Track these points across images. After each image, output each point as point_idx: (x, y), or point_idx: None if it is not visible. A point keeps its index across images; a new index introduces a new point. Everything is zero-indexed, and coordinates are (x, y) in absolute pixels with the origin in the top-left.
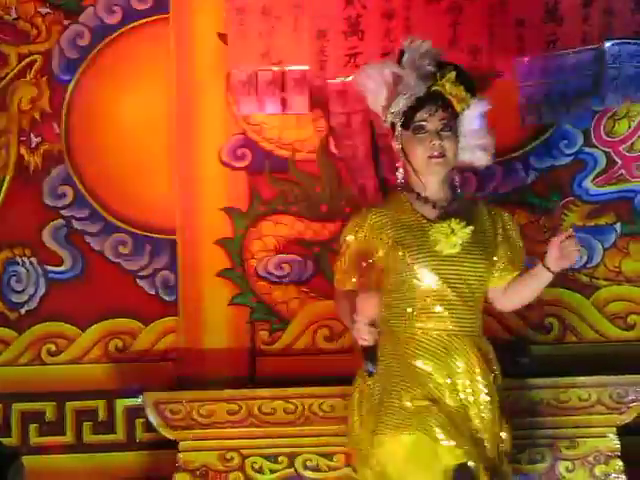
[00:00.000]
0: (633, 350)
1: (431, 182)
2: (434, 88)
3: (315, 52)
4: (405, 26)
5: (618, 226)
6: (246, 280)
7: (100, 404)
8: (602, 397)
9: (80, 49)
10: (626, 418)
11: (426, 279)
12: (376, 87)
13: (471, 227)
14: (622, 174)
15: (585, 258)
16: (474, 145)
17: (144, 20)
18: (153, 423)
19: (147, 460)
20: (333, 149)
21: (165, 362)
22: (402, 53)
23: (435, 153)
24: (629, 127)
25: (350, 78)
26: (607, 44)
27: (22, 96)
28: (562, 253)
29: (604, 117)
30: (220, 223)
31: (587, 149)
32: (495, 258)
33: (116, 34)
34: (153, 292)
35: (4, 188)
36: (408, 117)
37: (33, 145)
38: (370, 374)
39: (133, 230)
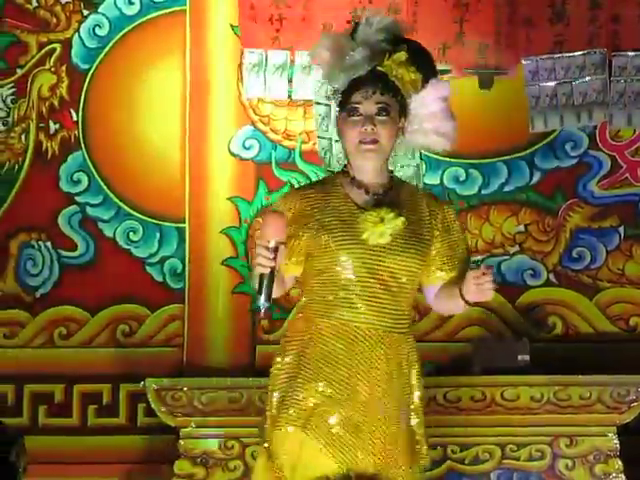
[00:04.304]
0: (634, 351)
1: (364, 167)
2: (378, 68)
3: None
4: (411, 21)
5: (622, 229)
6: (249, 269)
7: (105, 388)
8: (603, 396)
9: (99, 39)
10: (626, 418)
11: (350, 268)
12: (330, 60)
13: (403, 218)
14: (627, 178)
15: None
16: (429, 129)
17: (162, 12)
18: (154, 410)
19: (147, 445)
20: None
21: (170, 348)
22: (357, 26)
23: (367, 139)
24: (634, 132)
25: None
26: (613, 54)
27: (42, 84)
28: (477, 288)
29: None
30: (227, 212)
31: (592, 152)
32: (435, 254)
33: (134, 25)
34: (160, 279)
35: (22, 173)
36: (345, 97)
37: (51, 132)
38: (260, 310)
39: (144, 217)
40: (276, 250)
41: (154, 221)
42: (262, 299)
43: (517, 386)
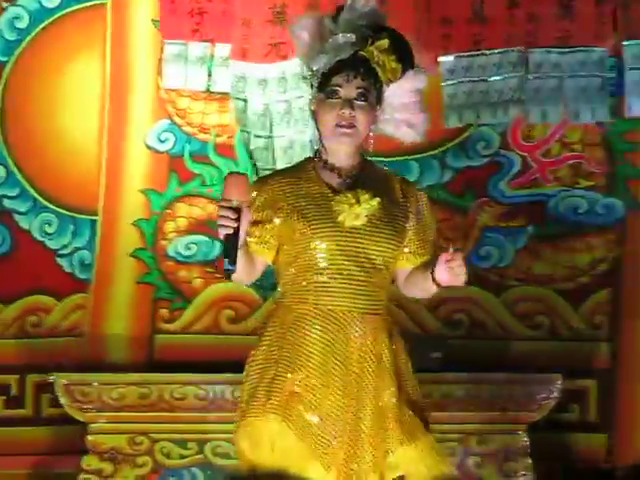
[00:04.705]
0: (540, 349)
1: (338, 151)
2: (360, 53)
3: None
4: None
5: (530, 228)
6: (155, 260)
7: (13, 379)
8: (512, 394)
9: (18, 31)
10: (536, 416)
11: (325, 252)
12: (310, 41)
13: (378, 199)
14: (537, 178)
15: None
16: (400, 120)
17: (82, 5)
18: (63, 405)
19: (53, 436)
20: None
21: (74, 338)
22: (340, 10)
23: (343, 122)
24: (545, 133)
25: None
26: (530, 51)
27: None
28: (449, 271)
29: (522, 121)
30: (139, 204)
31: (504, 152)
32: (408, 237)
33: (54, 18)
34: (70, 270)
35: None
36: (324, 79)
37: None
38: (228, 273)
39: (60, 210)
40: (239, 211)
41: (69, 213)
42: (227, 262)
43: (427, 383)
